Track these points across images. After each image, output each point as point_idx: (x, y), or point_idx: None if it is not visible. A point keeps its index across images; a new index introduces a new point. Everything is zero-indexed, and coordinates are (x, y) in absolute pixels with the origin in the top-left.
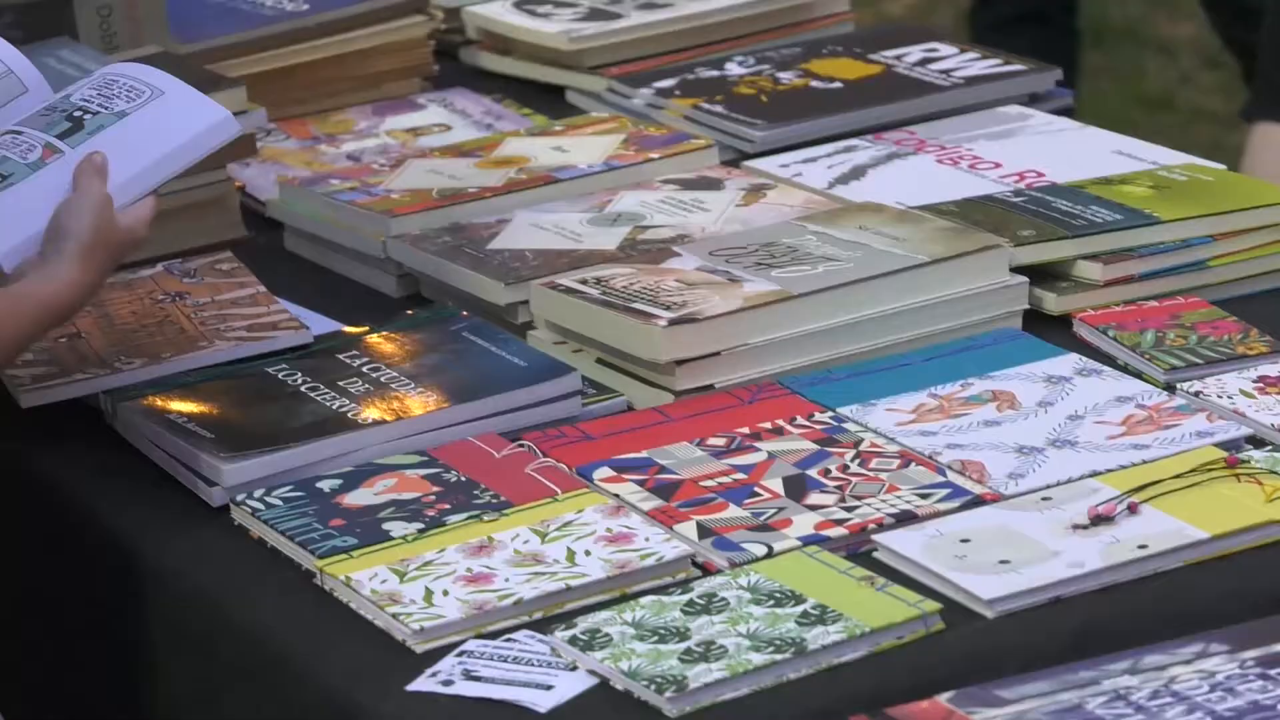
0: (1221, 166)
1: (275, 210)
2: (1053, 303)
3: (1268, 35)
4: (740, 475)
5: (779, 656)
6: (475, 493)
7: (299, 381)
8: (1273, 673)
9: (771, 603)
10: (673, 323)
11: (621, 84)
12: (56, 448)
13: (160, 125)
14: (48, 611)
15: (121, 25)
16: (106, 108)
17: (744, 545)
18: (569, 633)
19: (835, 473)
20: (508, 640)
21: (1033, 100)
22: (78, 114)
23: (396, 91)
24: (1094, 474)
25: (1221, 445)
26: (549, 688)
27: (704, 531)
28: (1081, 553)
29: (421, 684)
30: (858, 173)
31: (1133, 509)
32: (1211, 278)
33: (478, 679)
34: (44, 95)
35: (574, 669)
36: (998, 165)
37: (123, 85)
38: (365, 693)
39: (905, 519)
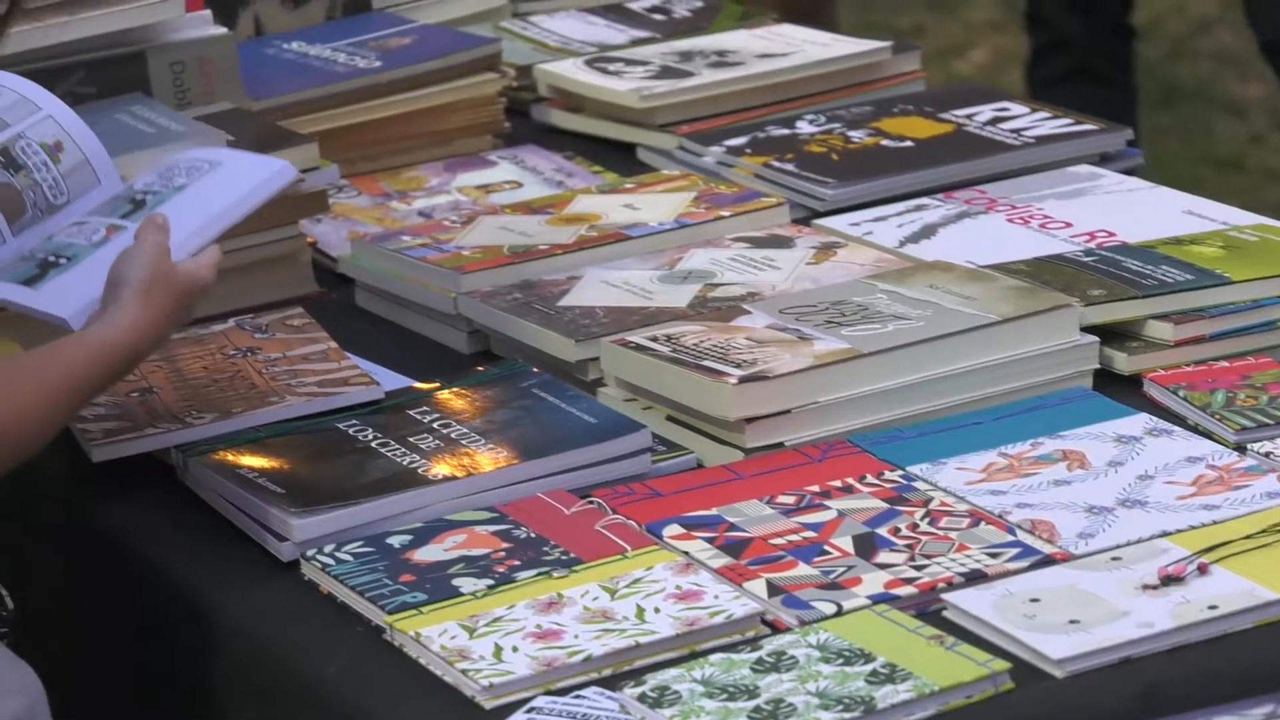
0: None
1: (347, 266)
2: (1123, 362)
3: None
4: (810, 533)
5: (848, 715)
6: (545, 549)
7: (369, 437)
8: None
9: (841, 661)
10: (743, 380)
11: (692, 142)
12: (128, 502)
13: (218, 186)
14: (118, 664)
15: (194, 81)
16: (167, 186)
17: (813, 603)
18: (638, 690)
19: (905, 531)
20: (576, 697)
21: (1103, 160)
22: (140, 197)
23: (468, 148)
24: (1164, 534)
25: None
26: None
27: (773, 589)
28: (1151, 613)
29: None
30: (928, 231)
31: (1203, 569)
32: None
33: None
34: (114, 188)
35: None
36: (1068, 224)
37: (182, 167)
38: None
39: (975, 578)
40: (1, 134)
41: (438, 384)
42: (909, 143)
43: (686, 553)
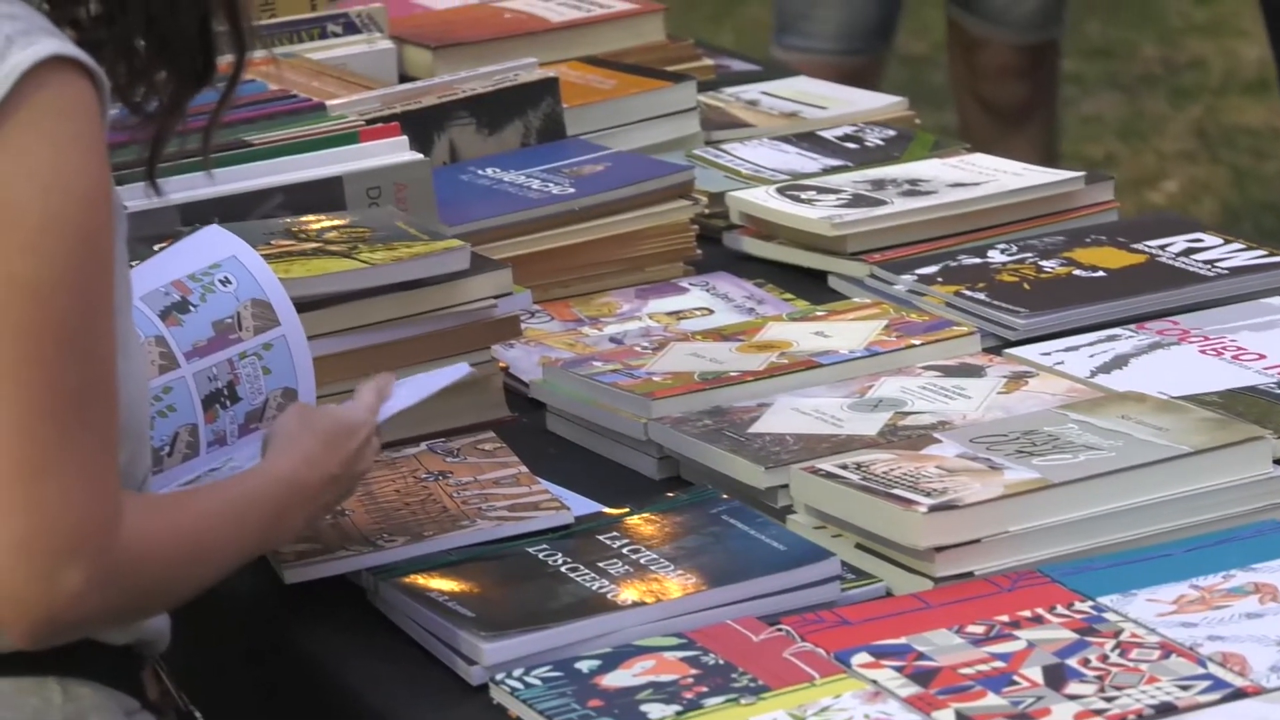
0: None
1: (538, 391)
2: None
3: None
4: (999, 663)
5: None
6: (733, 676)
7: (559, 562)
8: None
9: None
10: (933, 509)
11: (884, 270)
12: (318, 624)
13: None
14: None
15: (389, 205)
16: None
17: None
18: None
19: (1095, 662)
20: None
21: None
22: None
23: (660, 275)
24: None
25: None
26: None
27: (962, 719)
28: None
29: None
30: (1120, 362)
31: None
32: None
33: None
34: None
35: None
36: (1261, 356)
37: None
38: None
39: (1165, 711)
40: (234, 351)
41: (627, 509)
42: (1101, 273)
43: (875, 681)
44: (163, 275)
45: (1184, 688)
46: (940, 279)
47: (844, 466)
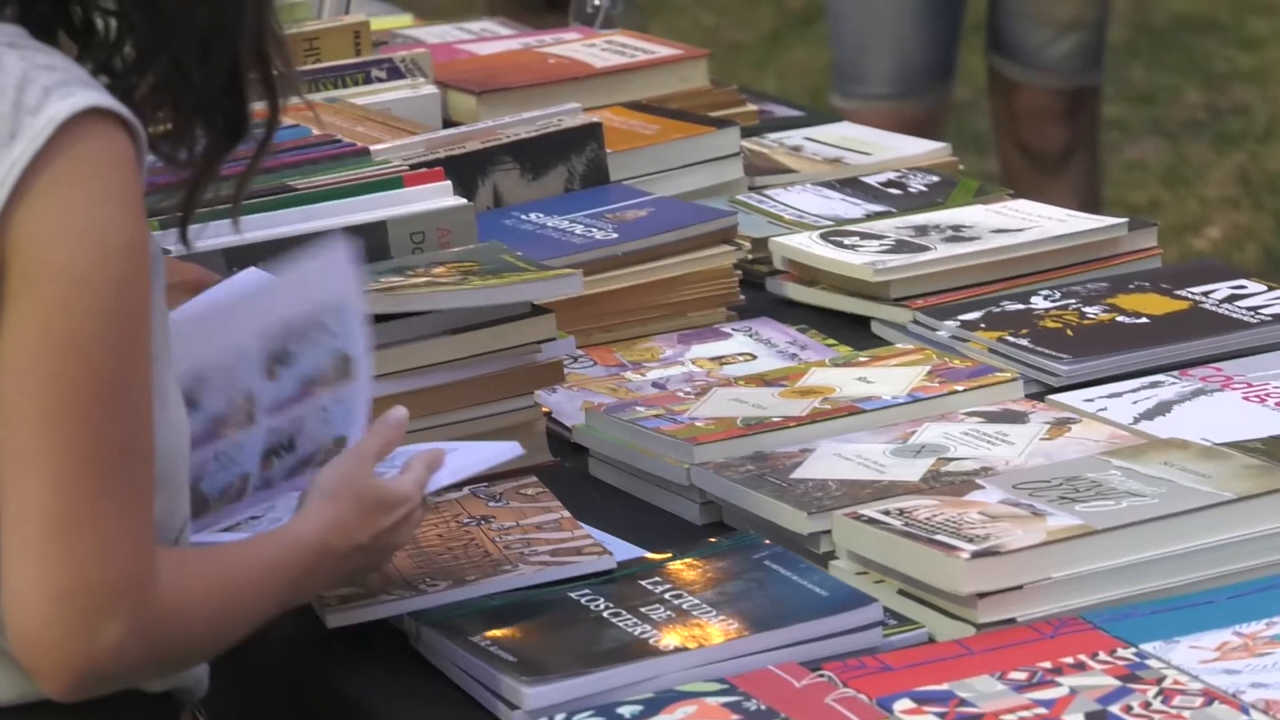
0: None
1: (580, 436)
2: None
3: None
4: (1042, 710)
5: None
6: None
7: (601, 607)
8: None
9: None
10: (975, 555)
11: (927, 316)
12: (361, 668)
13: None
14: None
15: (431, 250)
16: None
17: None
18: None
19: (1137, 709)
20: None
21: None
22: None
23: (702, 320)
24: None
25: None
26: None
27: None
28: None
29: None
30: (1163, 408)
31: None
32: None
33: None
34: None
35: None
36: None
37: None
38: None
39: None
40: (308, 407)
41: (670, 554)
42: (1144, 319)
43: None
44: (275, 306)
45: None
46: (983, 325)
47: (886, 512)
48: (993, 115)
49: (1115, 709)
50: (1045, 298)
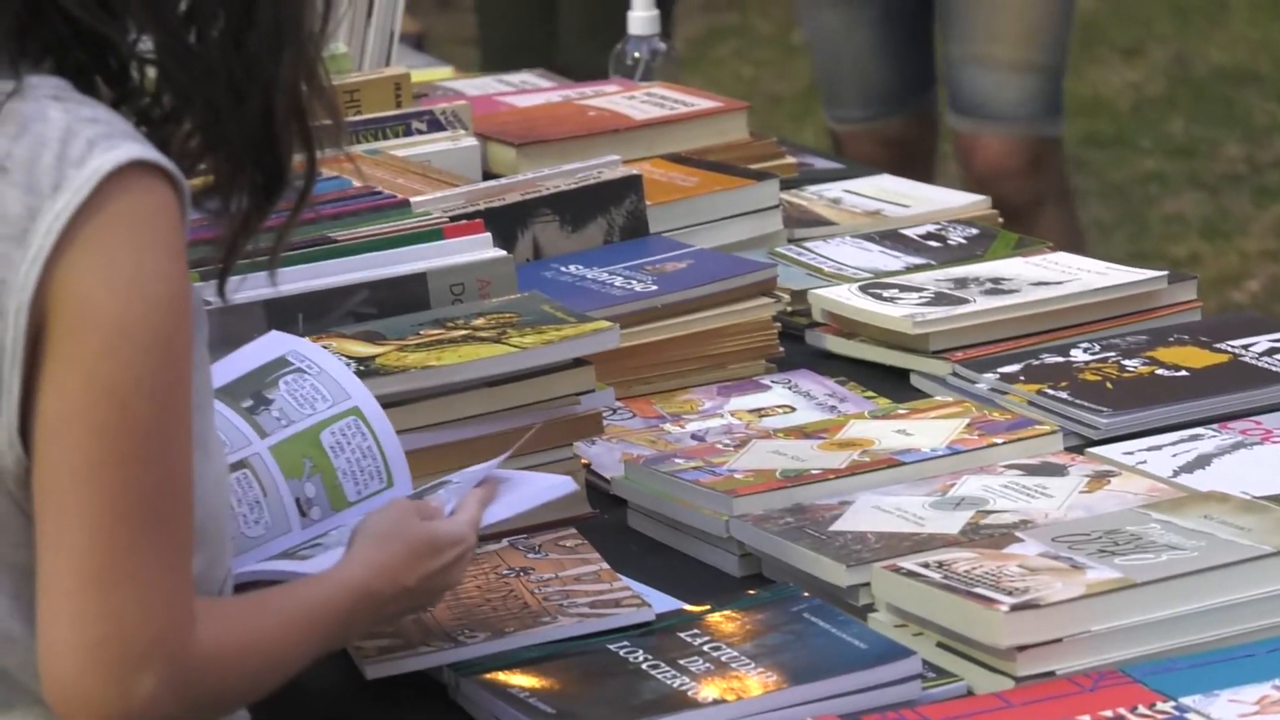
0: None
1: (619, 488)
2: None
3: None
4: None
5: None
6: None
7: (640, 659)
8: None
9: None
10: (1014, 608)
11: (966, 368)
12: (401, 719)
13: (501, 494)
14: None
15: (471, 301)
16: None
17: None
18: None
19: None
20: None
21: None
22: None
23: (742, 372)
24: None
25: None
26: None
27: None
28: None
29: None
30: (1203, 461)
31: None
32: None
33: None
34: (406, 489)
35: None
36: None
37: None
38: None
39: None
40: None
41: (708, 606)
42: (1184, 372)
43: None
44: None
45: None
46: (1022, 377)
47: (925, 565)
48: (961, 178)
49: None
50: (1085, 350)
